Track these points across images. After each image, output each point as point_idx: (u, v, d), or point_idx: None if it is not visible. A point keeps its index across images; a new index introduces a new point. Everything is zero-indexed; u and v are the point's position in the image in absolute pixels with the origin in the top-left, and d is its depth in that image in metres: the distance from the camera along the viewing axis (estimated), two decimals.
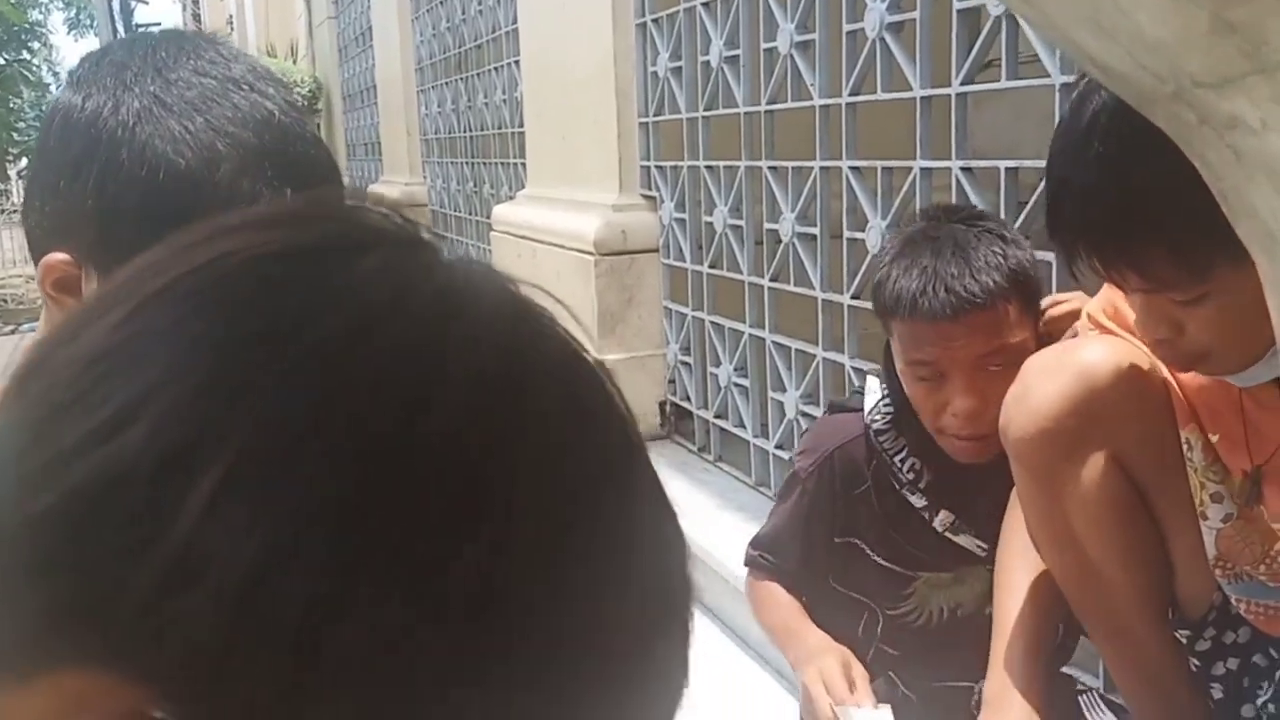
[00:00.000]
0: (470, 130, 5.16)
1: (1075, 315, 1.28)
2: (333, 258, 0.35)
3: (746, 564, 1.60)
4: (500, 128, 4.64)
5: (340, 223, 0.37)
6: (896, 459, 1.41)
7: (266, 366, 0.32)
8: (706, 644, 2.34)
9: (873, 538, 1.45)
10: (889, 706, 1.29)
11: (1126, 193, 0.90)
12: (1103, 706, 1.18)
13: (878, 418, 1.43)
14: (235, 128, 0.75)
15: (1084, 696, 1.25)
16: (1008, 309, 1.26)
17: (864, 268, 2.22)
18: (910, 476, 1.40)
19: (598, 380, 0.36)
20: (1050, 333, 1.32)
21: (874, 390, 1.46)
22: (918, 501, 1.41)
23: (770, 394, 2.63)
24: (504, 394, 0.33)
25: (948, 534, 1.40)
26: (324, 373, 0.32)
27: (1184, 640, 1.16)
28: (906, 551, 1.44)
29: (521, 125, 4.13)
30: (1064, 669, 1.44)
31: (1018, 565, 1.25)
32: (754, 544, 1.57)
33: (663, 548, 0.36)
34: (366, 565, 0.31)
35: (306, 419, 0.31)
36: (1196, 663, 1.16)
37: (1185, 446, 1.12)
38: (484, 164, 4.99)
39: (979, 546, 1.40)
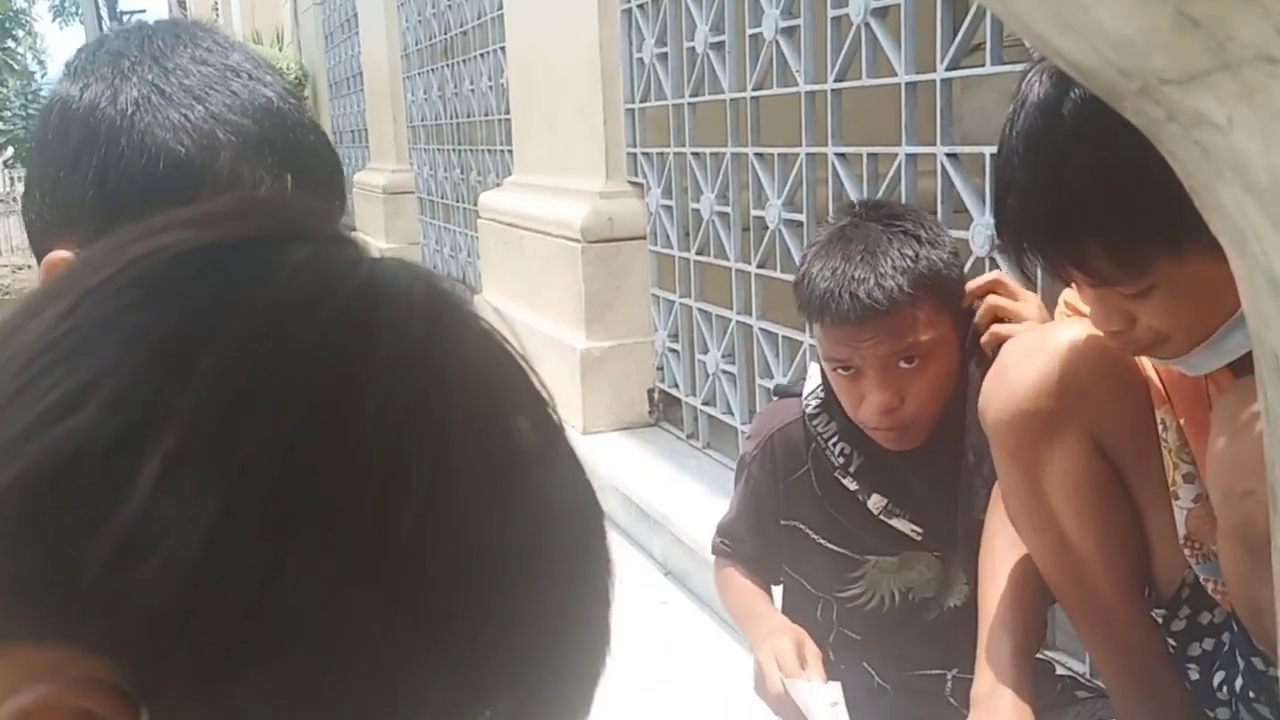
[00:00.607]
0: (457, 117, 5.13)
1: (992, 288, 1.33)
2: (262, 250, 0.37)
3: (713, 551, 1.62)
4: (487, 114, 4.62)
5: (269, 219, 0.40)
6: (830, 443, 1.44)
7: (205, 350, 0.34)
8: (695, 630, 2.35)
9: (815, 520, 1.47)
10: (838, 684, 1.30)
11: (1061, 192, 0.92)
12: None
13: (812, 402, 1.46)
14: (235, 115, 0.75)
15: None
16: (915, 312, 1.29)
17: None
18: (841, 460, 1.43)
19: (516, 364, 0.39)
20: (971, 304, 1.35)
21: (814, 376, 1.49)
22: (850, 485, 1.43)
23: (758, 380, 2.63)
24: (428, 373, 0.36)
25: (882, 517, 1.42)
26: (259, 355, 0.34)
27: (1160, 619, 1.17)
28: (851, 534, 1.45)
29: (508, 112, 4.11)
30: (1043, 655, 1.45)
31: (1001, 559, 1.25)
32: (717, 531, 1.61)
33: (579, 518, 0.39)
34: (307, 531, 0.33)
35: (245, 398, 0.34)
36: (1173, 642, 1.17)
37: (1160, 427, 1.13)
38: (471, 151, 4.97)
39: (915, 531, 1.42)
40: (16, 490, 0.33)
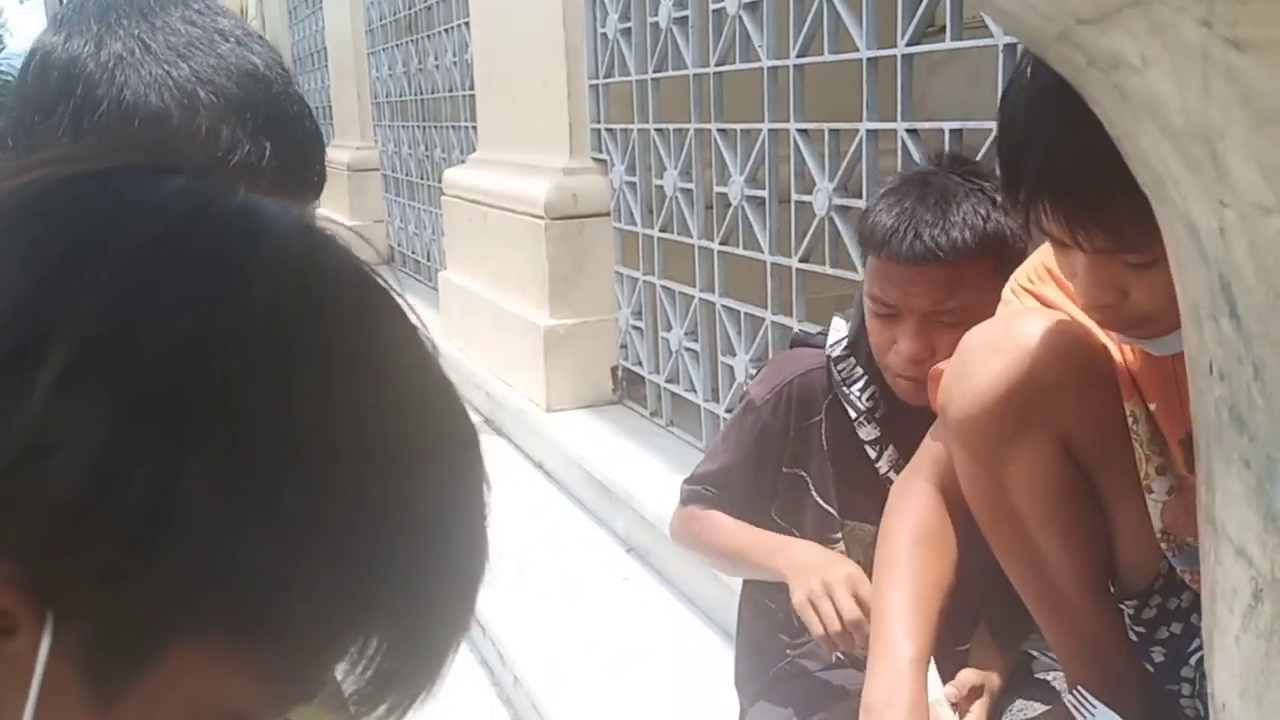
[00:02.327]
0: (421, 93, 5.08)
1: None
2: (141, 177, 0.40)
3: (684, 501, 1.56)
4: (451, 90, 4.58)
5: (145, 152, 0.42)
6: (855, 387, 1.42)
7: (97, 262, 0.36)
8: (657, 606, 2.35)
9: (816, 473, 1.46)
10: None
11: (1092, 146, 0.86)
12: (1092, 702, 1.18)
13: (838, 348, 1.44)
14: (220, 77, 0.75)
15: (1071, 696, 1.24)
16: (971, 269, 1.26)
17: (811, 231, 2.22)
18: (868, 404, 1.41)
19: (381, 281, 0.42)
20: None
21: (838, 328, 1.47)
22: (868, 434, 1.41)
23: (720, 358, 2.63)
24: (310, 279, 0.39)
25: (890, 474, 1.40)
26: (150, 264, 0.37)
27: (1130, 611, 1.16)
28: (842, 494, 1.44)
29: (472, 88, 4.08)
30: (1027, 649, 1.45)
31: (902, 558, 1.21)
32: (694, 480, 1.55)
33: (452, 427, 0.42)
34: (204, 429, 0.35)
35: (140, 304, 0.36)
36: (1140, 629, 1.16)
37: (1130, 419, 1.10)
38: (435, 127, 4.92)
39: None
40: None
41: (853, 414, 1.42)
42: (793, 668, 1.50)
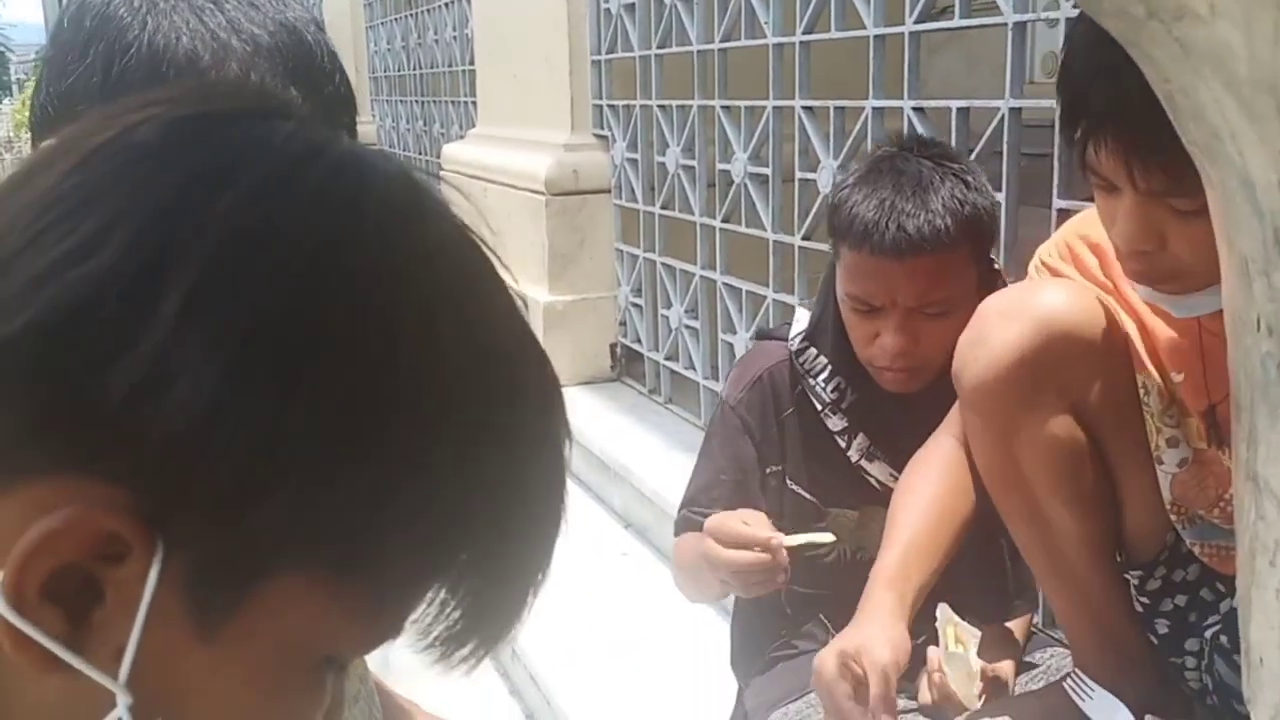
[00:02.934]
0: (420, 68, 5.05)
1: None
2: (254, 119, 0.40)
3: (676, 532, 1.50)
4: (451, 65, 4.55)
5: (255, 97, 0.43)
6: (820, 379, 1.40)
7: (216, 199, 0.36)
8: (654, 581, 2.36)
9: (792, 465, 1.44)
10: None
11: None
12: (1090, 685, 1.18)
13: (797, 341, 1.42)
14: (253, 26, 0.75)
15: (1069, 680, 1.24)
16: (955, 256, 1.25)
17: (815, 209, 2.22)
18: (833, 396, 1.39)
19: (473, 232, 0.42)
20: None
21: (800, 320, 1.45)
22: (836, 424, 1.40)
23: (721, 336, 2.63)
24: (414, 229, 0.40)
25: (862, 462, 1.39)
26: (267, 204, 0.37)
27: (1135, 581, 1.17)
28: (822, 481, 1.43)
29: (472, 63, 4.06)
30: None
31: (921, 495, 1.23)
32: (682, 505, 1.51)
33: (542, 391, 0.42)
34: (313, 368, 0.36)
35: (257, 243, 0.36)
36: (1145, 600, 1.17)
37: (1141, 391, 1.11)
38: (434, 102, 4.90)
39: (891, 475, 1.39)
40: (36, 328, 0.35)
41: (818, 406, 1.40)
42: (788, 648, 1.50)
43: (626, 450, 2.66)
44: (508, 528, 0.41)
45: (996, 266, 1.34)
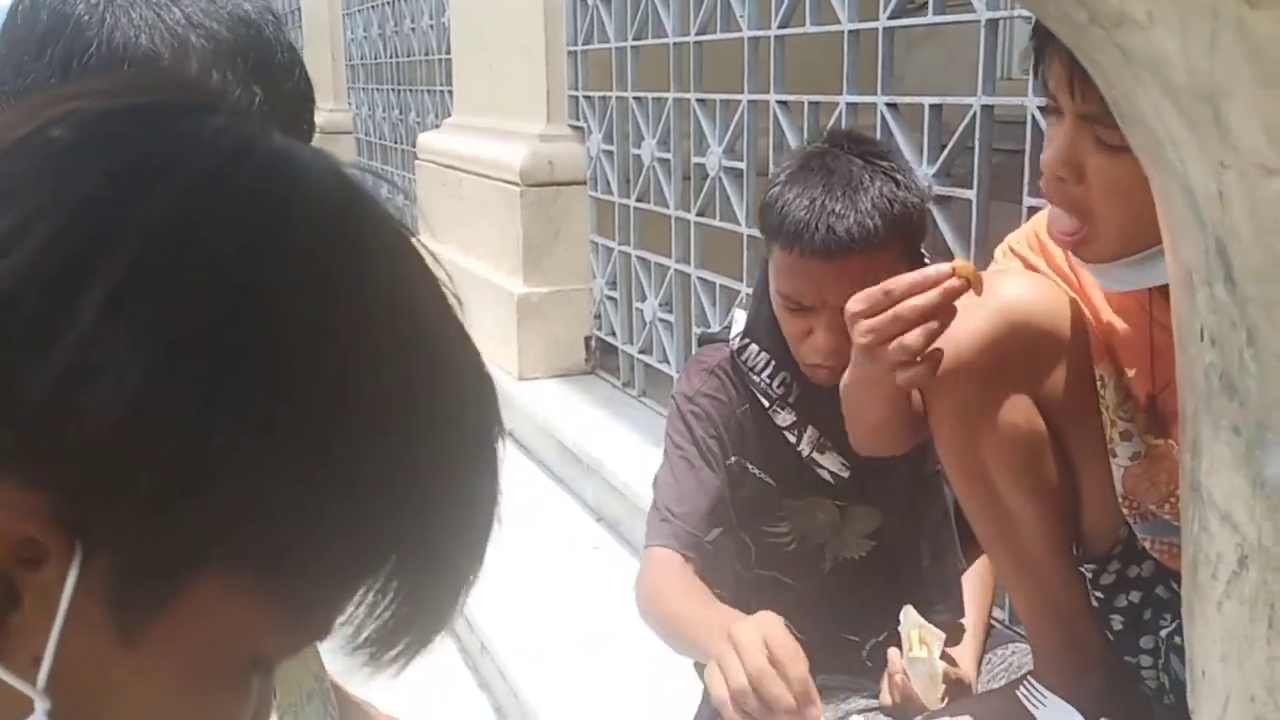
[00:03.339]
0: (397, 56, 5.02)
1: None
2: (183, 113, 0.39)
3: (652, 539, 1.42)
4: (427, 54, 4.52)
5: (183, 89, 0.42)
6: (764, 375, 1.40)
7: (142, 195, 0.36)
8: (626, 574, 2.36)
9: (751, 454, 1.44)
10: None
11: None
12: (1043, 693, 1.18)
13: (736, 341, 1.42)
14: (211, 22, 0.74)
15: (1023, 688, 1.25)
16: (885, 254, 1.25)
17: None
18: (779, 391, 1.39)
19: (407, 231, 0.42)
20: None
21: (739, 320, 1.46)
22: (785, 419, 1.40)
23: (694, 329, 2.62)
24: (347, 226, 0.39)
25: (813, 455, 1.39)
26: (192, 203, 0.36)
27: (1089, 574, 1.18)
28: (775, 475, 1.43)
29: (449, 51, 4.03)
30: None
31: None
32: (652, 508, 1.47)
33: (475, 386, 0.42)
34: (241, 368, 0.35)
35: (183, 241, 0.35)
36: (1100, 595, 1.18)
37: (1099, 384, 1.12)
38: (410, 91, 4.87)
39: (843, 465, 1.40)
40: None
41: (765, 402, 1.40)
42: None
43: (600, 443, 2.65)
44: (439, 527, 0.41)
45: (926, 261, 1.34)
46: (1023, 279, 1.12)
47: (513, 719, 1.98)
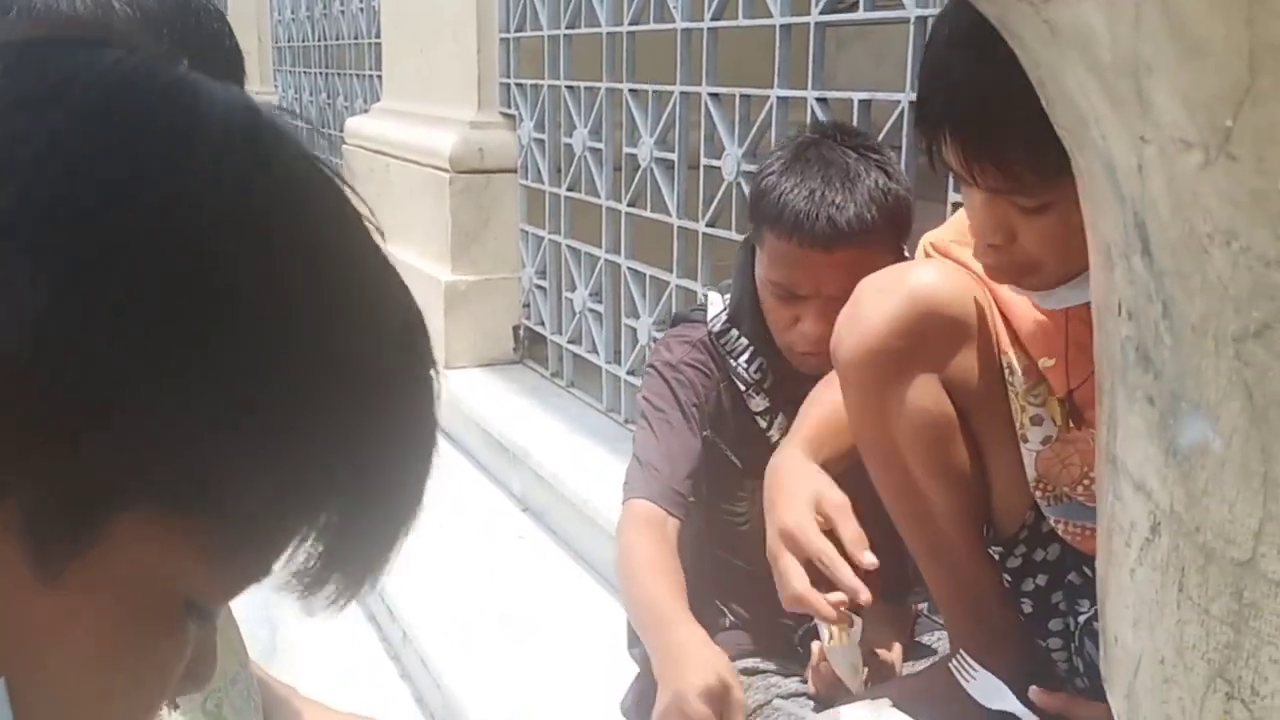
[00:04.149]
0: (325, 39, 4.94)
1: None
2: (79, 47, 0.39)
3: (628, 497, 1.42)
4: (356, 37, 4.46)
5: (82, 28, 0.42)
6: (741, 360, 1.41)
7: (35, 123, 0.35)
8: (551, 565, 2.35)
9: (722, 430, 1.45)
10: None
11: (999, 86, 0.88)
12: (973, 666, 1.20)
13: (717, 324, 1.43)
14: None
15: (954, 661, 1.27)
16: (878, 245, 1.27)
17: (719, 196, 2.22)
18: (756, 376, 1.41)
19: (324, 165, 0.41)
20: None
21: (715, 303, 1.47)
22: (759, 405, 1.42)
23: (624, 320, 2.63)
24: (252, 153, 0.38)
25: (772, 434, 1.41)
26: (87, 128, 0.36)
27: (998, 556, 1.21)
28: (743, 457, 1.44)
29: (378, 36, 3.97)
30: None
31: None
32: (634, 464, 1.45)
33: (402, 321, 0.41)
34: (135, 297, 0.35)
35: (75, 168, 0.35)
36: (1008, 578, 1.21)
37: (1007, 371, 1.15)
38: (338, 75, 4.79)
39: None
40: None
41: (741, 386, 1.42)
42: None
43: (526, 433, 2.64)
44: (370, 467, 0.40)
45: (906, 255, 1.37)
46: (930, 267, 1.15)
47: (434, 709, 1.96)
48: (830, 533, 1.15)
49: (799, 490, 1.19)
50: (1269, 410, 0.34)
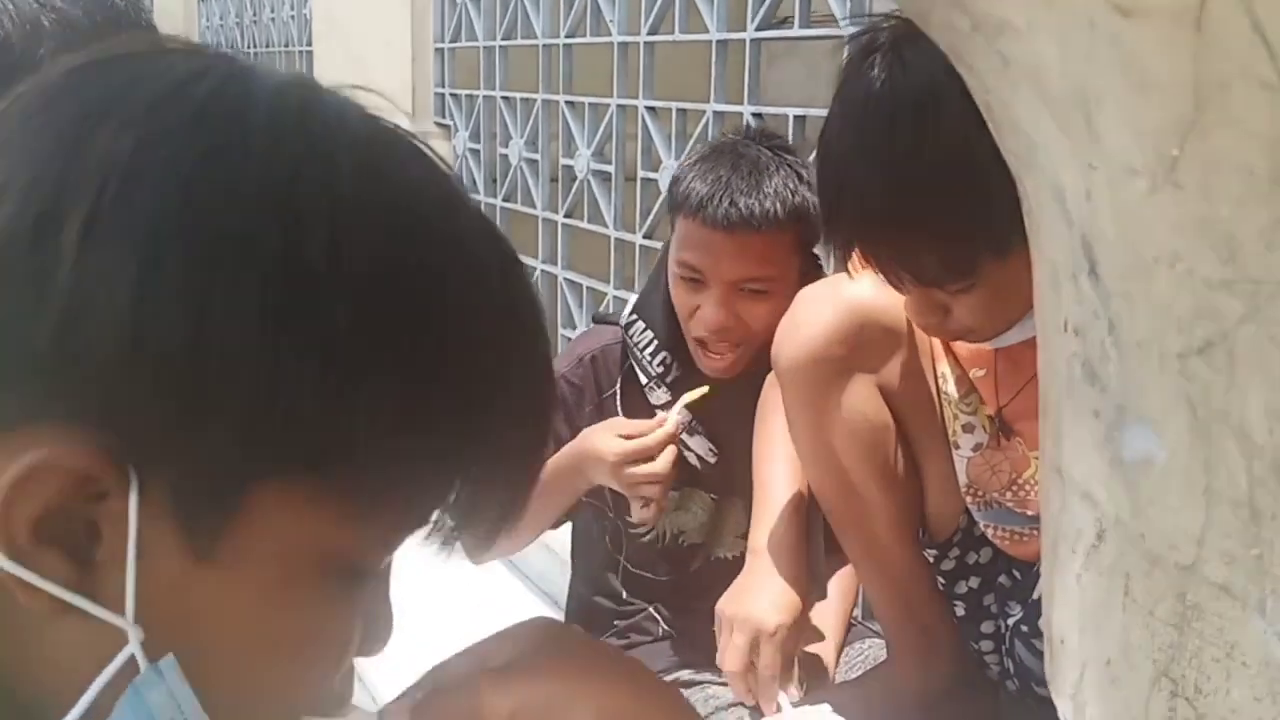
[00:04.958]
0: (255, 46, 4.87)
1: None
2: (139, 56, 0.41)
3: None
4: (288, 45, 4.40)
5: (146, 42, 0.46)
6: (646, 352, 1.44)
7: (97, 130, 0.37)
8: (484, 576, 2.34)
9: None
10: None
11: (899, 199, 0.92)
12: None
13: (630, 316, 1.47)
14: (64, 3, 0.73)
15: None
16: (780, 240, 1.31)
17: (656, 209, 2.24)
18: (659, 370, 1.44)
19: (392, 124, 0.44)
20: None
21: (632, 301, 1.51)
22: (660, 398, 1.43)
23: (561, 330, 2.63)
24: (308, 127, 0.40)
25: (682, 436, 1.42)
26: (146, 127, 0.37)
27: (932, 559, 1.24)
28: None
29: (310, 44, 3.93)
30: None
31: (776, 462, 1.30)
32: None
33: (489, 245, 0.43)
34: (224, 272, 0.36)
35: (143, 159, 0.37)
36: (942, 581, 1.25)
37: (940, 379, 1.19)
38: None
39: (710, 450, 1.43)
40: None
41: (644, 379, 1.44)
42: (621, 638, 1.52)
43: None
44: (499, 425, 0.42)
45: (819, 262, 1.40)
46: (869, 280, 1.18)
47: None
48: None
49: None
50: (1210, 424, 0.36)
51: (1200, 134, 0.32)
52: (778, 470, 1.29)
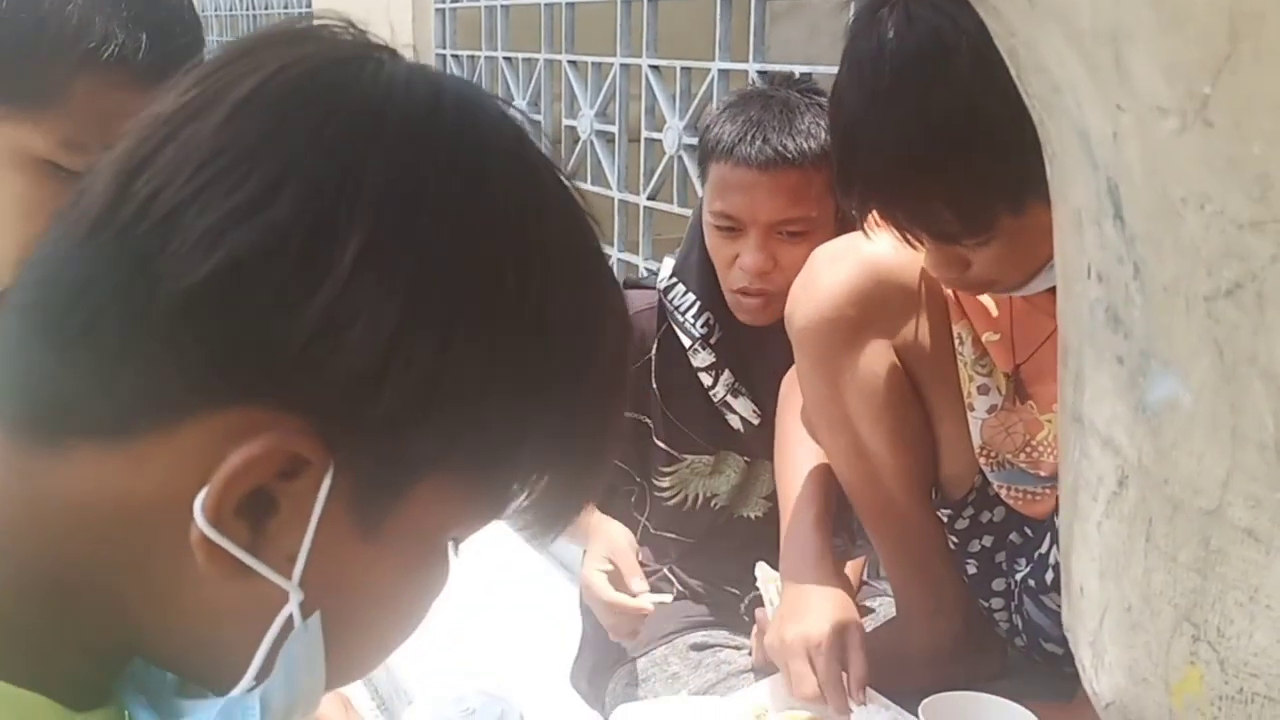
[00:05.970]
0: (254, 9, 4.82)
1: None
2: (366, 65, 0.44)
3: None
4: (286, 7, 4.36)
5: (347, 38, 0.46)
6: (689, 315, 1.43)
7: (371, 151, 0.41)
8: (498, 544, 2.34)
9: (647, 406, 1.46)
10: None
11: (913, 157, 0.91)
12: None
13: (666, 280, 1.45)
14: None
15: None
16: (815, 178, 1.29)
17: (660, 169, 2.23)
18: (702, 331, 1.42)
19: (563, 181, 0.48)
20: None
21: (667, 266, 1.48)
22: (703, 360, 1.42)
23: None
24: (524, 164, 0.45)
25: (727, 398, 1.42)
26: (412, 152, 0.41)
27: (945, 519, 1.24)
28: (675, 429, 1.46)
29: (309, 5, 3.89)
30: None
31: (798, 450, 1.30)
32: None
33: (611, 287, 0.49)
34: (470, 306, 0.41)
35: (413, 193, 0.41)
36: (955, 540, 1.25)
37: (956, 340, 1.18)
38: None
39: (754, 412, 1.43)
40: (223, 275, 0.39)
41: (687, 342, 1.43)
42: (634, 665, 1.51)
43: None
44: (592, 428, 0.48)
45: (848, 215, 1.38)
46: (883, 237, 1.17)
47: (379, 685, 1.96)
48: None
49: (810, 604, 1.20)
50: (1238, 366, 0.36)
51: (1233, 69, 0.31)
52: (800, 458, 1.28)
